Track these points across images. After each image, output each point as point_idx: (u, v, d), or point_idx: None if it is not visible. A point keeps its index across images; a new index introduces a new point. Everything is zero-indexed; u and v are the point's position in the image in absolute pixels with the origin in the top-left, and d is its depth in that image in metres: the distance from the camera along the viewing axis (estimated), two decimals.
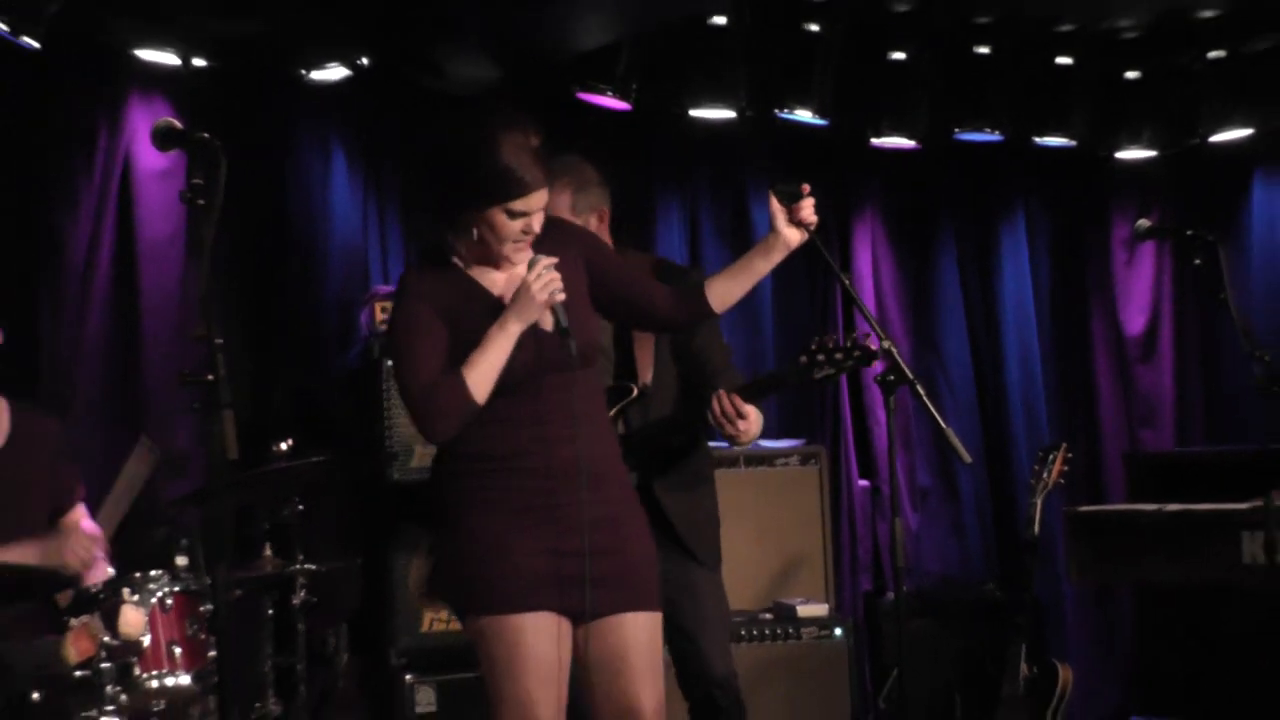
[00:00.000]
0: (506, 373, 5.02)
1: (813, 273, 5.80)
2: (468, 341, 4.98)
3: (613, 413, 5.76)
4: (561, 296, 4.97)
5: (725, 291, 5.35)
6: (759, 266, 5.36)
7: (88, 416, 7.85)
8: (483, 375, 4.96)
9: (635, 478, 5.72)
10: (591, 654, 5.24)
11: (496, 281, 5.18)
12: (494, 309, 5.06)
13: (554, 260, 4.99)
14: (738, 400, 5.72)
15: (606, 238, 6.18)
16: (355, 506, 7.75)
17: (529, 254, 5.06)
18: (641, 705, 5.24)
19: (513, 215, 5.02)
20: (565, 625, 5.17)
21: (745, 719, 6.23)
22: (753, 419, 5.76)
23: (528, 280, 4.95)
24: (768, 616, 7.60)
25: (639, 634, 5.27)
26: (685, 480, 6.16)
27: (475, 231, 5.10)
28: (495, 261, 5.17)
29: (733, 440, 5.83)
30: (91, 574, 6.35)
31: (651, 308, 5.42)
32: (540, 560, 5.10)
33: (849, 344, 5.78)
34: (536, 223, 5.07)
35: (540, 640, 5.11)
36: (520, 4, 7.84)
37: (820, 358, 5.73)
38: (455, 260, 5.22)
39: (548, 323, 5.10)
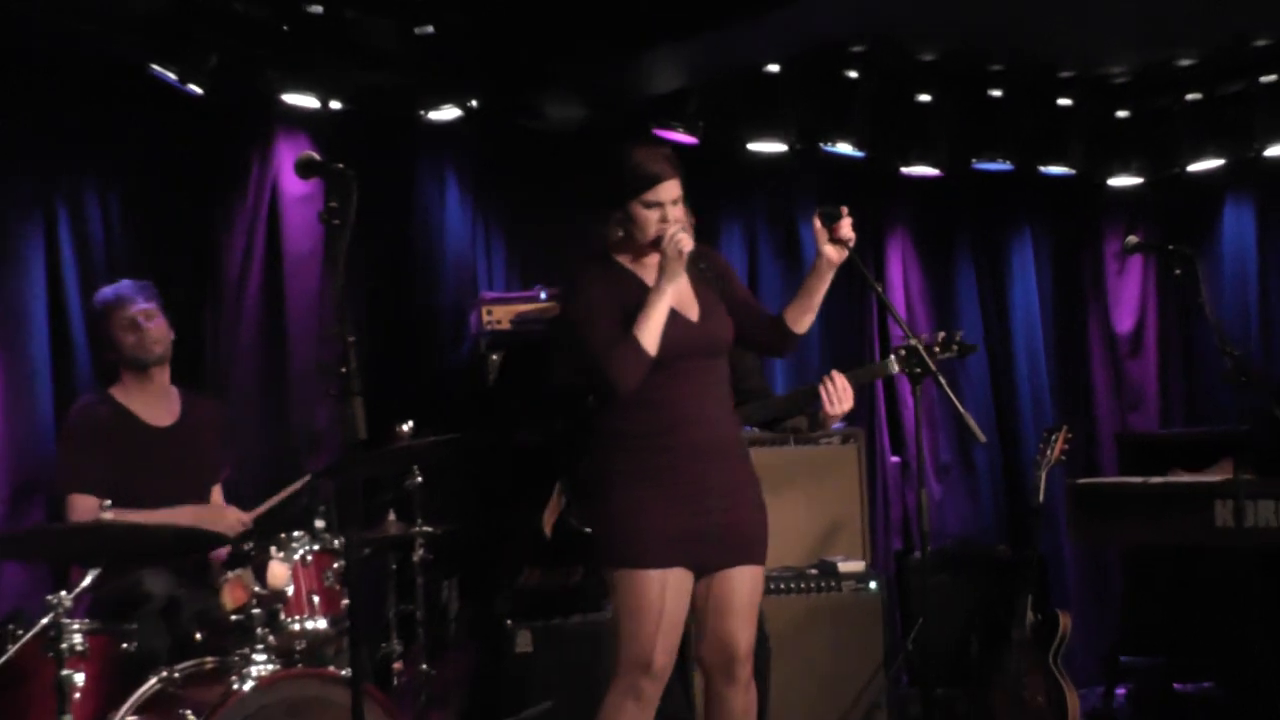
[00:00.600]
0: (659, 350, 5.22)
1: (851, 283, 5.86)
2: (630, 317, 5.17)
3: None
4: (689, 246, 5.18)
5: (798, 317, 5.55)
6: (815, 287, 5.54)
7: (243, 402, 7.94)
8: (649, 332, 5.20)
9: None
10: (704, 600, 5.43)
11: (649, 271, 5.39)
12: (639, 290, 5.28)
13: (684, 224, 5.26)
14: (847, 382, 5.90)
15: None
16: (466, 478, 7.79)
17: (651, 233, 5.34)
18: (738, 643, 5.47)
19: (648, 206, 5.27)
20: (689, 578, 5.34)
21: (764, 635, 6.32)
22: (843, 399, 5.93)
23: (664, 244, 5.18)
24: (813, 571, 7.62)
25: (744, 584, 5.49)
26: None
27: (622, 231, 5.37)
28: (644, 254, 5.43)
29: (829, 419, 6.03)
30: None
31: (756, 331, 5.63)
32: (674, 523, 5.29)
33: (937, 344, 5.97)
34: (672, 213, 5.27)
35: (666, 593, 5.29)
36: (606, 55, 7.89)
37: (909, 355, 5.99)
38: (615, 257, 5.49)
39: (693, 313, 5.37)
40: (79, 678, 5.62)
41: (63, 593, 5.65)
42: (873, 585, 7.84)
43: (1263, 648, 6.83)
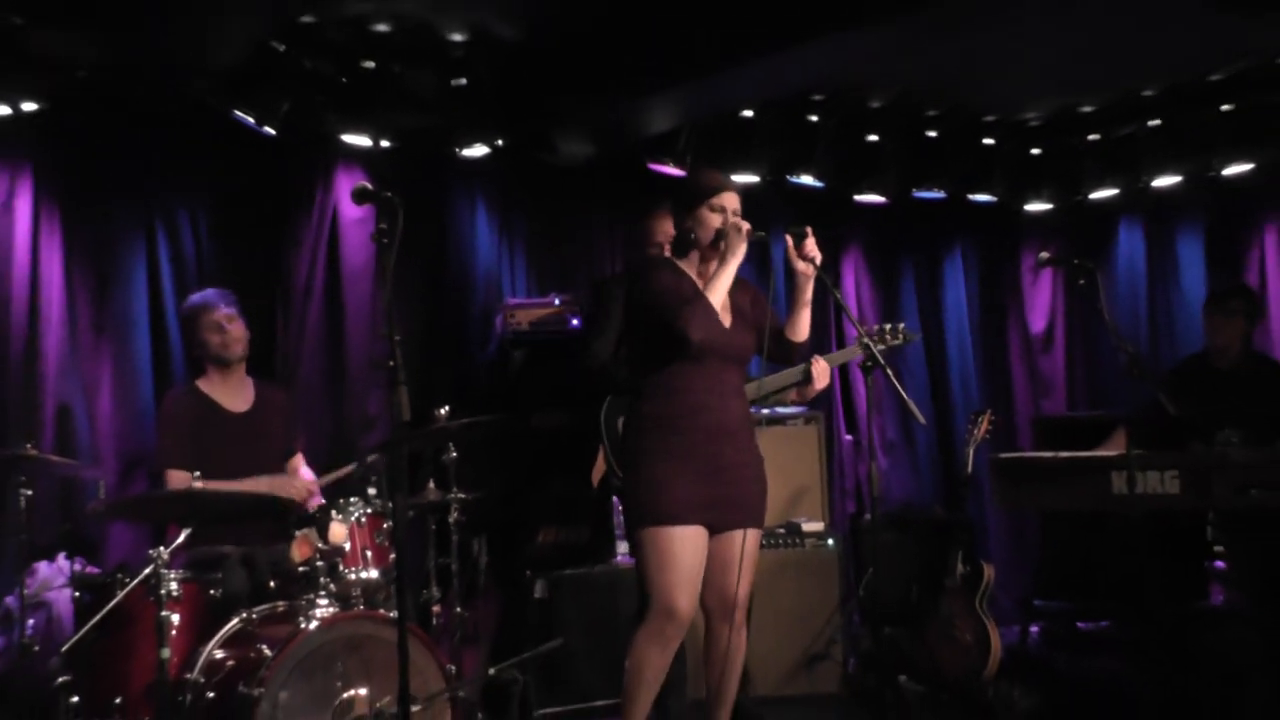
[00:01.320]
0: (697, 345, 5.36)
1: (816, 291, 5.89)
2: (685, 299, 5.41)
3: None
4: (747, 226, 5.44)
5: (793, 326, 5.72)
6: (799, 300, 5.68)
7: (307, 391, 7.95)
8: (717, 295, 5.44)
9: None
10: (713, 555, 5.44)
11: (694, 272, 5.57)
12: (694, 287, 5.51)
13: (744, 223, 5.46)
14: (826, 364, 6.14)
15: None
16: (493, 454, 7.80)
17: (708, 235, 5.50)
18: (741, 589, 5.50)
19: (713, 209, 5.43)
20: (705, 535, 5.38)
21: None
22: (826, 373, 6.20)
23: (727, 225, 5.43)
24: (781, 531, 7.61)
25: (749, 544, 5.51)
26: None
27: (694, 234, 5.48)
28: (696, 258, 5.57)
29: (812, 392, 6.24)
30: (309, 503, 6.54)
31: (771, 345, 5.65)
32: (694, 491, 5.34)
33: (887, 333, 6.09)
34: (734, 220, 5.44)
35: (686, 548, 5.32)
36: (608, 103, 7.90)
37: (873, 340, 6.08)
38: (673, 259, 5.64)
39: (726, 320, 5.49)
40: (175, 618, 5.68)
41: (161, 548, 5.71)
42: (830, 542, 7.84)
43: (1150, 592, 6.84)
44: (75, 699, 5.86)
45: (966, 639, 7.27)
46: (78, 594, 6.15)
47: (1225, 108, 8.64)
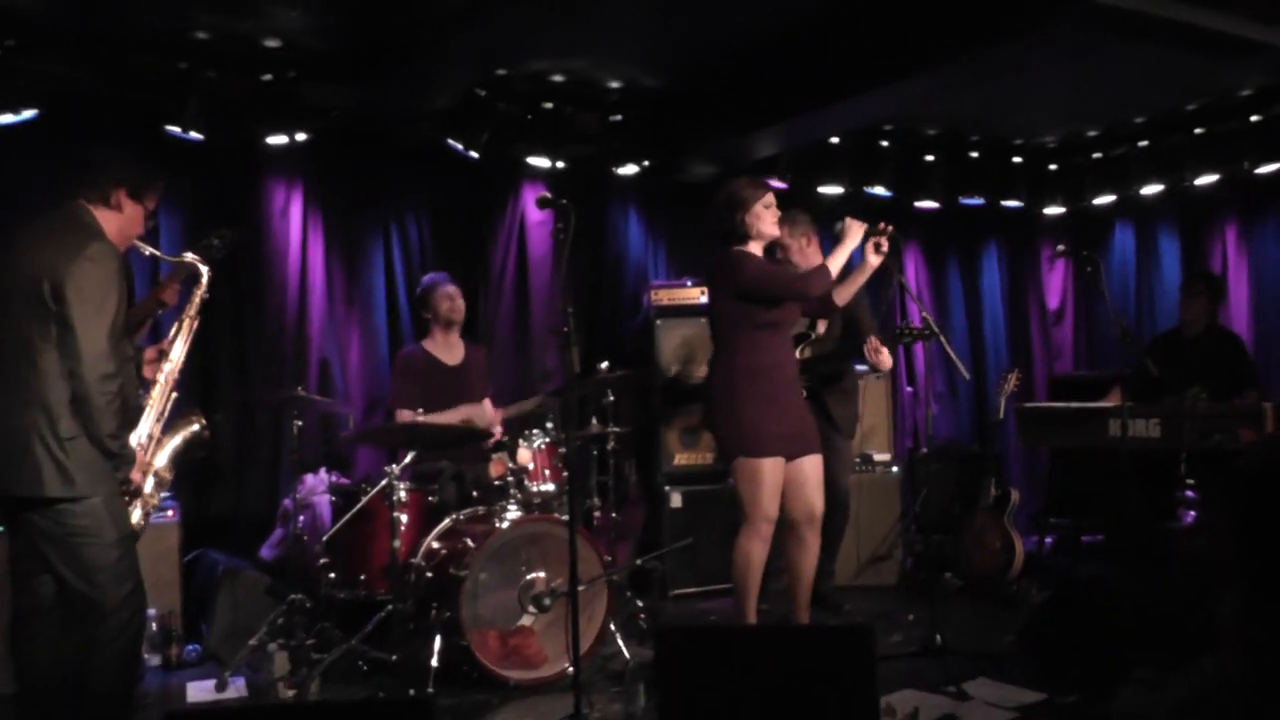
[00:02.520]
0: (779, 313, 5.44)
1: (884, 278, 5.78)
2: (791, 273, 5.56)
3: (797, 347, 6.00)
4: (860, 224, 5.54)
5: (843, 295, 5.62)
6: (857, 278, 5.64)
7: (502, 350, 7.99)
8: (837, 266, 5.48)
9: (806, 387, 5.96)
10: (789, 476, 5.44)
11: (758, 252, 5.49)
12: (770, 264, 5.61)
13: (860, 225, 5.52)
14: (879, 343, 5.98)
15: (815, 252, 6.62)
16: (643, 399, 7.81)
17: (777, 229, 5.58)
18: (815, 505, 5.53)
19: (767, 207, 5.46)
20: (782, 463, 5.39)
21: (849, 508, 6.30)
22: (887, 355, 6.02)
23: (851, 227, 5.51)
24: (857, 460, 7.59)
25: (816, 466, 5.54)
26: (840, 390, 6.23)
27: (752, 226, 5.49)
28: (759, 241, 5.53)
29: (875, 366, 6.10)
30: (494, 430, 6.62)
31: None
32: (774, 428, 5.35)
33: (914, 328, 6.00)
34: (776, 212, 5.54)
35: (772, 473, 5.34)
36: (728, 135, 7.86)
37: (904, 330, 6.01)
38: (743, 247, 5.52)
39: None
40: (403, 517, 5.80)
41: (394, 465, 5.81)
42: (894, 469, 7.85)
43: (1135, 513, 6.77)
44: (332, 575, 6.03)
45: (995, 545, 7.20)
46: (333, 498, 6.30)
47: (1198, 131, 8.45)
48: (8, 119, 6.25)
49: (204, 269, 4.82)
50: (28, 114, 6.31)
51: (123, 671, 4.10)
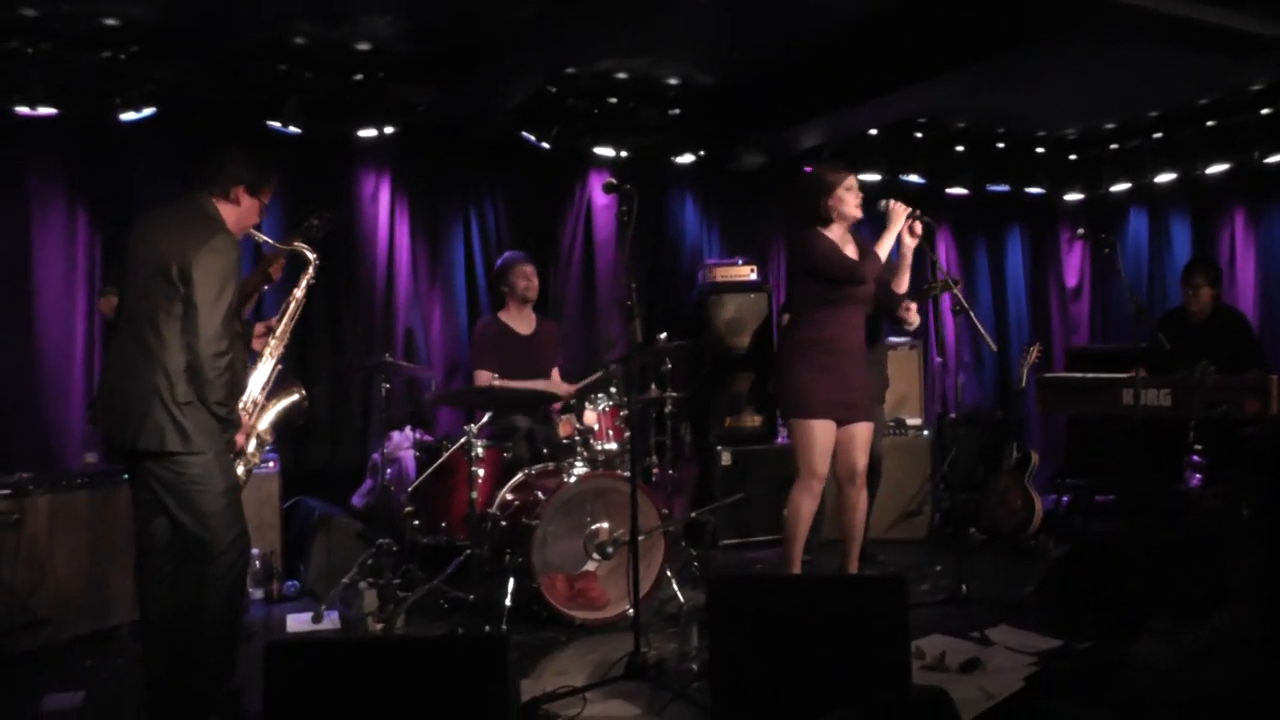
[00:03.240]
0: (844, 292, 5.38)
1: (918, 258, 5.72)
2: (849, 256, 5.42)
3: None
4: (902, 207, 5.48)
5: (899, 282, 5.64)
6: (904, 263, 5.62)
7: (570, 322, 7.97)
8: (885, 250, 5.46)
9: None
10: (841, 440, 5.44)
11: (837, 236, 5.46)
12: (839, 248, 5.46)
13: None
14: (909, 303, 5.83)
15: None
16: (694, 365, 7.78)
17: (859, 211, 5.49)
18: (856, 464, 5.51)
19: (848, 190, 5.42)
20: (834, 426, 5.40)
21: (880, 469, 6.23)
22: (914, 313, 5.89)
23: (890, 208, 5.49)
24: (891, 423, 7.53)
25: (865, 433, 5.53)
26: (870, 360, 6.15)
27: (834, 209, 5.44)
28: (842, 223, 5.48)
29: (903, 323, 5.94)
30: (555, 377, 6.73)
31: (882, 295, 5.66)
32: (829, 395, 5.35)
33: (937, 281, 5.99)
34: (859, 195, 5.48)
35: (822, 434, 5.35)
36: (776, 127, 7.80)
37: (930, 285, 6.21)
38: (823, 229, 5.49)
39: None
40: (480, 471, 5.85)
41: (472, 425, 5.84)
42: (925, 432, 7.77)
43: (1146, 476, 6.69)
44: (416, 522, 6.08)
45: (1017, 503, 7.14)
46: (417, 453, 6.34)
47: (1209, 124, 8.30)
48: (130, 116, 6.37)
49: (312, 256, 4.89)
50: (147, 112, 6.42)
51: (230, 604, 4.19)
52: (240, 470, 4.49)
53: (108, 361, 4.30)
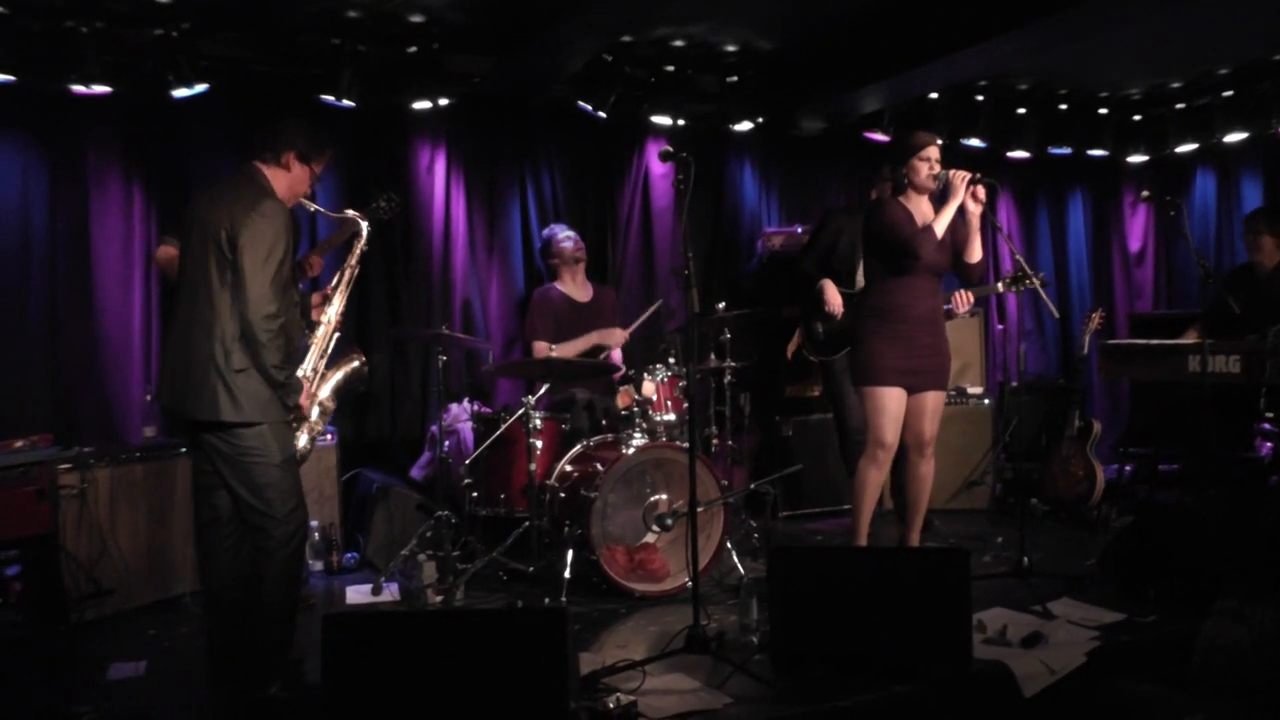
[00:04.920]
0: (914, 263, 5.31)
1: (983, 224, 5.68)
2: (915, 228, 5.31)
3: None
4: (963, 175, 5.29)
5: (971, 251, 5.52)
6: (972, 229, 5.48)
7: (629, 290, 7.93)
8: (941, 226, 5.28)
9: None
10: (911, 407, 5.40)
11: (915, 207, 5.41)
12: (910, 217, 5.37)
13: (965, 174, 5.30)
14: (969, 295, 5.94)
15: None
16: (755, 334, 7.73)
17: (931, 182, 5.39)
18: (927, 433, 5.50)
19: (922, 159, 5.32)
20: (904, 394, 5.37)
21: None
22: (965, 304, 6.00)
23: (952, 176, 5.31)
24: (953, 392, 7.42)
25: (936, 401, 5.50)
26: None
27: (908, 178, 5.37)
28: (918, 192, 5.42)
29: (954, 313, 5.97)
30: (615, 353, 6.77)
31: (956, 264, 5.54)
32: (899, 363, 5.31)
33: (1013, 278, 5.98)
34: (936, 166, 5.36)
35: (892, 401, 5.34)
36: (836, 92, 7.72)
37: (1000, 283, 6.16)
38: (897, 198, 5.45)
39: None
40: (538, 443, 5.85)
41: (530, 396, 5.83)
42: (986, 401, 7.68)
43: (1213, 445, 6.58)
44: (475, 493, 6.12)
45: (1079, 473, 7.05)
46: (476, 425, 6.35)
47: None
48: (183, 93, 6.37)
49: (364, 224, 4.95)
50: (200, 88, 6.42)
51: (289, 576, 4.24)
52: (304, 439, 4.58)
53: (166, 335, 4.35)
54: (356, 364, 5.05)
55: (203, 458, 4.24)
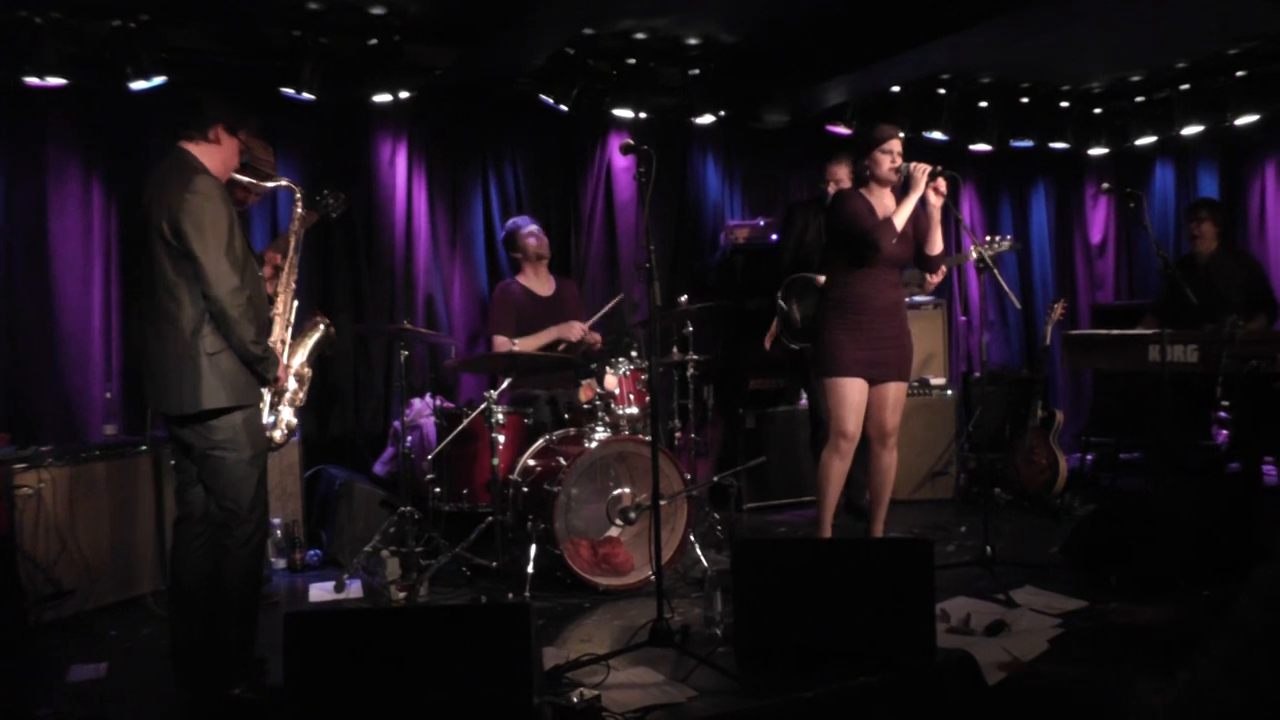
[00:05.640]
0: (874, 255, 5.31)
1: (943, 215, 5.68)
2: (874, 220, 5.32)
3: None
4: (923, 168, 5.30)
5: (932, 243, 5.55)
6: (928, 222, 5.48)
7: (591, 284, 7.92)
8: (901, 219, 5.32)
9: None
10: (872, 398, 5.41)
11: (878, 200, 5.45)
12: (871, 209, 5.40)
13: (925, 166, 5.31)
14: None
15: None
16: (717, 327, 7.73)
17: (892, 175, 5.40)
18: (888, 424, 5.50)
19: (884, 153, 5.32)
20: (865, 385, 5.38)
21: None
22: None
23: (911, 170, 5.32)
24: (915, 383, 7.48)
25: (898, 392, 5.51)
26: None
27: (870, 170, 5.38)
28: (880, 185, 5.44)
29: (930, 287, 5.93)
30: (589, 338, 6.72)
31: (917, 256, 5.56)
32: (860, 354, 5.31)
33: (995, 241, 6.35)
34: (897, 159, 5.35)
35: (853, 392, 5.34)
36: (799, 85, 7.75)
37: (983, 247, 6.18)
38: (859, 190, 5.46)
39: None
40: (501, 438, 5.80)
41: (492, 391, 5.80)
42: (949, 392, 7.69)
43: (1172, 433, 6.64)
44: (438, 489, 6.09)
45: (1042, 463, 7.09)
46: (439, 420, 6.30)
47: (1239, 74, 8.15)
48: (140, 85, 6.27)
49: (296, 190, 4.91)
50: (158, 80, 6.31)
51: (249, 574, 4.22)
52: (288, 414, 4.64)
53: (138, 338, 4.31)
54: (322, 328, 5.08)
55: (179, 453, 4.26)
